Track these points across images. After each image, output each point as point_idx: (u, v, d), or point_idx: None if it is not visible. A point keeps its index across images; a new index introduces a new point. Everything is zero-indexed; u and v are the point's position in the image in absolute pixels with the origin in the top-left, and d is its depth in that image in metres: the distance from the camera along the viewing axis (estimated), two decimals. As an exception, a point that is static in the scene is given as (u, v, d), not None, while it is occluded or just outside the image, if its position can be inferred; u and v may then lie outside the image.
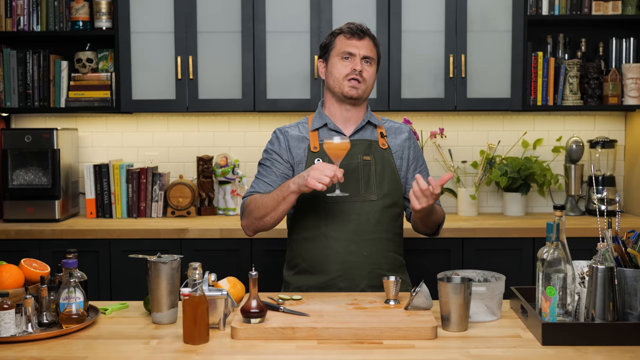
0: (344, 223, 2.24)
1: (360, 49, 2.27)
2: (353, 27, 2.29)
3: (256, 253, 3.24)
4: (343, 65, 2.27)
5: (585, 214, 3.69)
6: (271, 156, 2.33)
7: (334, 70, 2.29)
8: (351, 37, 2.28)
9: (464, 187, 3.67)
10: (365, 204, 2.25)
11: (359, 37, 2.28)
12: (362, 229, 2.24)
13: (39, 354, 1.65)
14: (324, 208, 2.25)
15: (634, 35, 3.61)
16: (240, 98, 3.49)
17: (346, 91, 2.27)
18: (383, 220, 2.27)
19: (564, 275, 1.74)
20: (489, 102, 3.51)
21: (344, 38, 2.29)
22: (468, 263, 3.22)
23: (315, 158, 2.28)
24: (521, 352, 1.66)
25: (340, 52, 2.28)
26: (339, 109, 2.33)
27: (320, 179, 2.03)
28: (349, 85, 2.27)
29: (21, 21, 3.54)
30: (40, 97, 3.57)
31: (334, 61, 2.30)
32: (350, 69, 2.26)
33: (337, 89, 2.29)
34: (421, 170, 2.39)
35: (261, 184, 2.30)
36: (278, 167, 2.31)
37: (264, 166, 2.34)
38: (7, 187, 3.46)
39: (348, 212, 2.24)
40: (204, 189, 3.71)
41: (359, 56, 2.27)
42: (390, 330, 1.74)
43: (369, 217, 2.25)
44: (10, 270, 1.88)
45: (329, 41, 2.33)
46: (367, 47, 2.29)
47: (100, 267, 3.25)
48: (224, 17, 3.48)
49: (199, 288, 1.71)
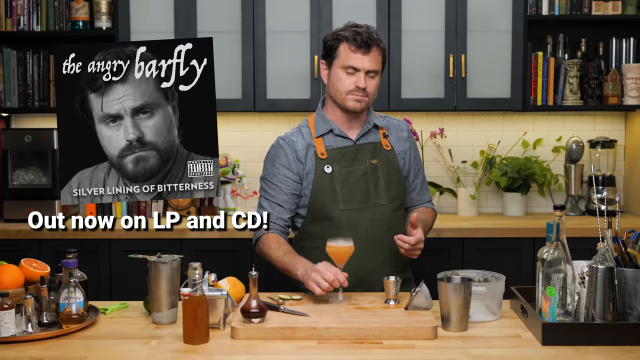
0: (357, 230, 2.19)
1: (365, 63, 2.16)
2: (359, 38, 2.16)
3: (256, 253, 3.23)
4: (347, 78, 2.18)
5: (585, 214, 3.69)
6: (279, 171, 2.25)
7: (337, 83, 2.20)
8: (356, 51, 2.16)
9: (464, 187, 3.67)
10: (377, 209, 2.23)
11: (364, 51, 2.16)
12: (374, 235, 2.21)
13: (39, 354, 1.65)
14: (337, 216, 2.21)
15: (634, 35, 3.61)
16: (240, 98, 3.49)
17: (349, 105, 2.21)
18: (394, 224, 2.25)
19: (564, 275, 1.74)
20: (489, 102, 3.51)
21: (349, 49, 2.17)
22: (468, 263, 3.22)
23: (325, 165, 2.22)
24: (521, 352, 1.66)
25: (344, 64, 2.18)
26: (341, 115, 2.27)
27: (319, 283, 1.93)
28: (352, 99, 2.20)
29: (21, 21, 3.54)
30: (40, 97, 3.57)
31: (338, 73, 2.20)
32: (354, 85, 2.18)
33: (340, 101, 2.22)
34: (419, 169, 2.39)
35: (274, 206, 2.24)
36: (288, 185, 2.23)
37: (272, 184, 2.25)
38: (7, 187, 3.46)
39: (361, 218, 2.21)
40: (204, 189, 3.70)
41: (363, 71, 2.16)
42: (390, 330, 1.74)
43: (381, 222, 2.23)
44: (10, 270, 1.88)
45: (333, 46, 2.21)
46: (373, 60, 2.18)
47: (100, 267, 3.25)
48: (224, 17, 3.48)
49: (199, 288, 1.71)
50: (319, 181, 2.22)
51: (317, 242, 2.21)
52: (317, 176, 2.23)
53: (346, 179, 2.23)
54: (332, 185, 2.22)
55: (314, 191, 2.23)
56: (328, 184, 2.22)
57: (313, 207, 2.23)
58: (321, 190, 2.22)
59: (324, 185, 2.22)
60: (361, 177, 2.24)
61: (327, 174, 2.22)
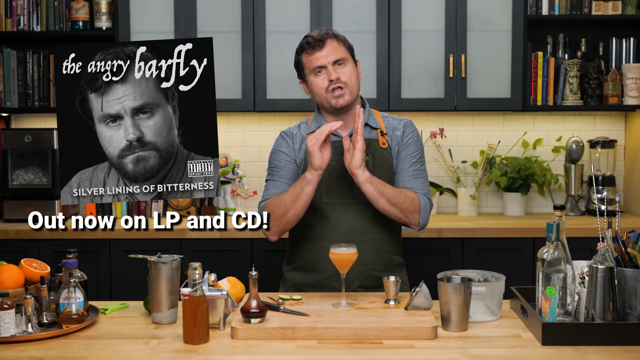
0: (339, 224, 2.24)
1: (327, 57, 2.22)
2: (310, 40, 2.25)
3: (256, 253, 3.24)
4: (319, 79, 2.24)
5: (585, 214, 3.69)
6: (280, 157, 2.32)
7: (313, 88, 2.27)
8: (312, 52, 2.23)
9: (464, 187, 3.67)
10: (360, 205, 2.25)
11: (319, 47, 2.23)
12: (357, 230, 2.24)
13: (39, 354, 1.65)
14: (321, 209, 2.25)
15: (634, 35, 3.61)
16: (240, 98, 3.49)
17: (334, 103, 2.24)
18: (379, 222, 2.26)
19: (564, 275, 1.74)
20: (489, 102, 3.51)
21: (307, 55, 2.25)
22: (468, 263, 3.22)
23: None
24: (521, 352, 1.66)
25: (310, 69, 2.25)
26: (333, 118, 2.30)
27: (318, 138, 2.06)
28: (333, 96, 2.23)
29: (21, 21, 3.54)
30: (40, 97, 3.57)
31: (310, 79, 2.27)
32: (327, 80, 2.23)
33: (325, 103, 2.27)
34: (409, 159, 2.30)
35: (276, 184, 2.28)
36: (290, 168, 2.30)
37: (275, 168, 2.32)
38: (7, 187, 3.46)
39: (344, 213, 2.25)
40: (204, 189, 3.70)
41: (329, 65, 2.22)
42: (390, 330, 1.74)
43: (365, 218, 2.25)
44: (10, 270, 1.88)
45: (298, 61, 2.30)
46: (332, 51, 2.23)
47: (100, 267, 3.25)
48: (224, 17, 3.48)
49: (199, 288, 1.71)
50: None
51: (303, 230, 2.28)
52: (305, 167, 2.27)
53: (333, 173, 2.26)
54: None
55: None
56: None
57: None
58: None
59: None
60: (348, 172, 2.24)
61: None
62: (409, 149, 2.32)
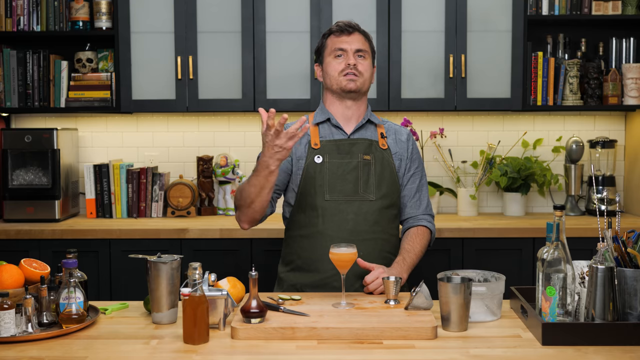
0: (341, 222, 2.25)
1: (351, 43, 2.30)
2: (341, 24, 2.33)
3: (256, 253, 3.24)
4: (337, 62, 2.30)
5: (585, 214, 3.69)
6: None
7: (329, 69, 2.32)
8: (340, 34, 2.31)
9: (464, 187, 3.67)
10: (364, 204, 2.26)
11: (348, 33, 2.31)
12: (359, 228, 2.24)
13: (39, 354, 1.65)
14: (322, 206, 2.25)
15: (634, 35, 3.61)
16: (240, 98, 3.49)
17: (344, 85, 2.28)
18: (380, 221, 2.27)
19: (564, 275, 1.74)
20: (489, 102, 3.51)
21: (334, 37, 2.32)
22: (468, 263, 3.22)
23: (316, 155, 2.28)
24: (521, 352, 1.66)
25: (332, 50, 2.31)
26: (339, 106, 2.34)
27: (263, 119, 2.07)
28: (345, 79, 2.28)
29: (21, 21, 3.54)
30: (40, 97, 3.57)
31: (328, 60, 2.32)
32: (344, 64, 2.29)
33: (335, 85, 2.30)
34: (415, 173, 2.38)
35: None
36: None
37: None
38: (7, 187, 3.46)
39: (346, 211, 2.25)
40: (204, 189, 3.71)
41: (351, 51, 2.29)
42: (390, 330, 1.74)
43: (367, 217, 2.26)
44: (10, 270, 1.88)
45: (321, 44, 2.37)
46: (358, 41, 2.31)
47: (100, 267, 3.25)
48: (224, 17, 3.48)
49: (199, 288, 1.71)
50: (308, 170, 2.28)
51: (303, 230, 2.28)
52: (306, 165, 2.28)
53: (336, 171, 2.27)
54: (320, 176, 2.27)
55: (302, 179, 2.28)
56: (316, 173, 2.27)
57: (300, 195, 2.28)
58: (309, 179, 2.27)
59: (312, 174, 2.27)
60: (351, 171, 2.27)
61: (317, 164, 2.28)
62: (414, 163, 2.39)
